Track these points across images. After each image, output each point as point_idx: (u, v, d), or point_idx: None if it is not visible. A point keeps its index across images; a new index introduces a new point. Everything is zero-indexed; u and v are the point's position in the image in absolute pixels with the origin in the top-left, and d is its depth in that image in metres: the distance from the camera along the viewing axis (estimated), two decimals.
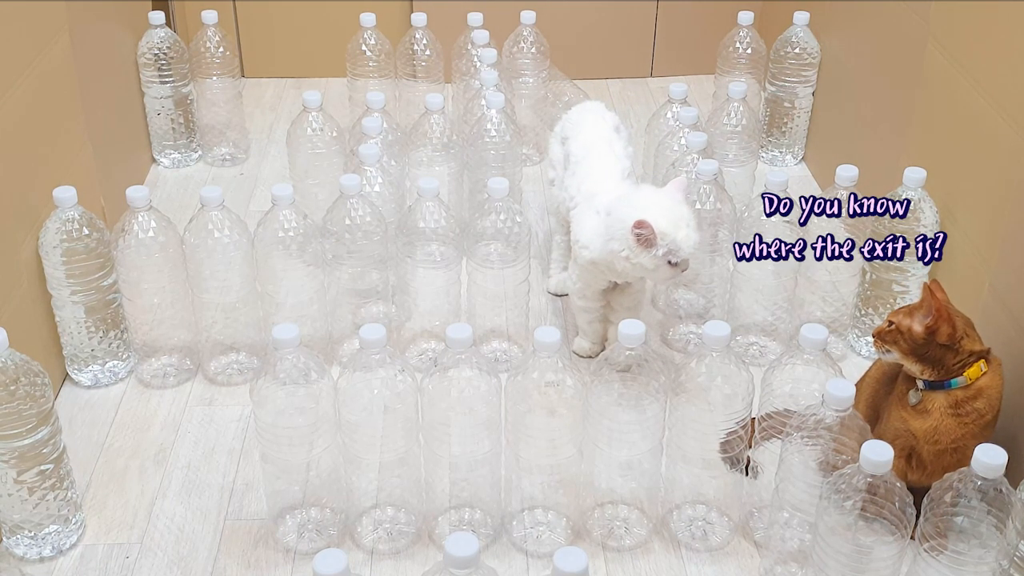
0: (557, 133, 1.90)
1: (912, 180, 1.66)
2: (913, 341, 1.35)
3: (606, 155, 1.75)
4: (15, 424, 1.31)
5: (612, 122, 1.83)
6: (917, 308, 1.36)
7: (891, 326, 1.37)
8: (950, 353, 1.34)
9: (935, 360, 1.35)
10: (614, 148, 1.78)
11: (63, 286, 1.63)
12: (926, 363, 1.36)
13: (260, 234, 1.65)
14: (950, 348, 1.34)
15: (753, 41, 2.32)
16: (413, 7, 2.55)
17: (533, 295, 1.85)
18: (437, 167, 1.95)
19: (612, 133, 1.80)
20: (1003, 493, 1.17)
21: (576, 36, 2.69)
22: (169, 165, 2.35)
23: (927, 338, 1.34)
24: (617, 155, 1.76)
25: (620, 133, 1.82)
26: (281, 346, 1.33)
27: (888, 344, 1.37)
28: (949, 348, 1.34)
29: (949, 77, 1.70)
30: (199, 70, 2.29)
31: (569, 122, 1.86)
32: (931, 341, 1.34)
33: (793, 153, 2.38)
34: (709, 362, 1.35)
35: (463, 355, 1.33)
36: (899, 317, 1.36)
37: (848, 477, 1.20)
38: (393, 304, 1.78)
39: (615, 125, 1.83)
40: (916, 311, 1.36)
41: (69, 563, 1.41)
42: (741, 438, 1.39)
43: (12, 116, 1.59)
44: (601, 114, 1.85)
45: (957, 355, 1.34)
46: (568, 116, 1.88)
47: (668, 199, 1.55)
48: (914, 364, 1.36)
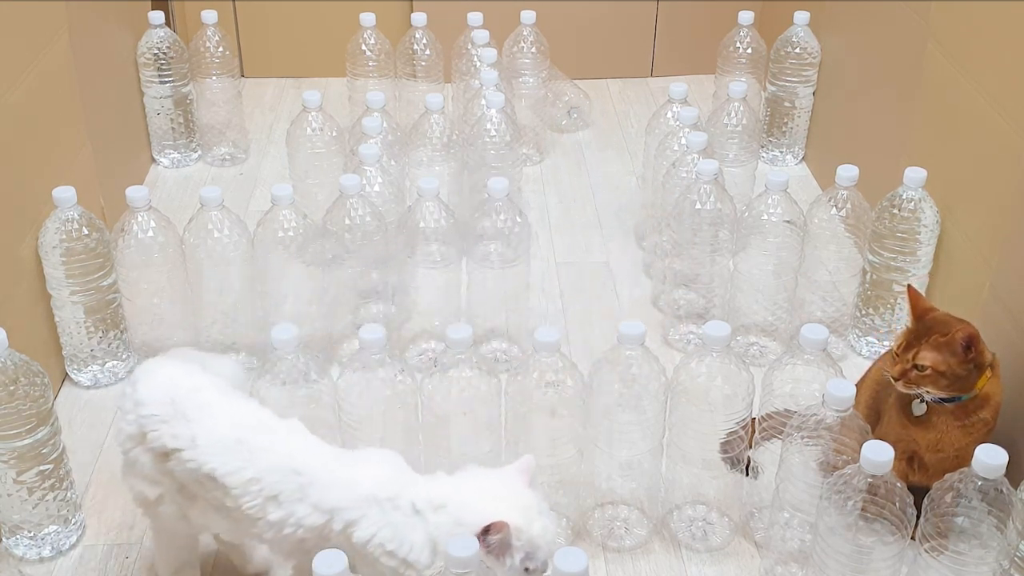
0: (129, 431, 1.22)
1: (912, 180, 1.66)
2: (954, 376, 1.30)
3: (302, 437, 1.21)
4: (15, 424, 1.31)
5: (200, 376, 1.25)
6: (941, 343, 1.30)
7: (925, 370, 1.30)
8: (975, 371, 1.32)
9: (964, 382, 1.31)
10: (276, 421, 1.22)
11: (63, 286, 1.63)
12: (955, 387, 1.31)
13: (260, 234, 1.65)
14: (976, 366, 1.31)
15: (753, 41, 2.31)
16: (413, 7, 2.55)
17: (533, 295, 1.85)
18: (437, 167, 1.95)
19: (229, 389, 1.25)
20: (1003, 493, 1.17)
21: (576, 36, 2.68)
22: (169, 165, 2.35)
23: (967, 367, 1.30)
24: (298, 428, 1.22)
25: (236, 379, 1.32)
26: (281, 346, 1.33)
27: (926, 386, 1.31)
28: (976, 366, 1.31)
29: (949, 77, 1.70)
30: (199, 70, 2.29)
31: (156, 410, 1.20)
32: (969, 370, 1.30)
33: (793, 153, 2.37)
34: (709, 362, 1.35)
35: (463, 355, 1.33)
36: (931, 357, 1.29)
37: (848, 477, 1.20)
38: (393, 304, 1.78)
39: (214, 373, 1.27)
40: (942, 346, 1.29)
41: (69, 563, 1.41)
42: (741, 438, 1.39)
43: (12, 116, 1.59)
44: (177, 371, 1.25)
45: (979, 370, 1.32)
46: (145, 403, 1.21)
47: (508, 485, 1.17)
48: (944, 392, 1.31)
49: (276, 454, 1.17)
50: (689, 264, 1.78)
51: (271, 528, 1.15)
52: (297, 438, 1.20)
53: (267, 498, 1.14)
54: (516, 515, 1.11)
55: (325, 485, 1.14)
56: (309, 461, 1.17)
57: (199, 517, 1.21)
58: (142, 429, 1.20)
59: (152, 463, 1.20)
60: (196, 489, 1.19)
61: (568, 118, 2.54)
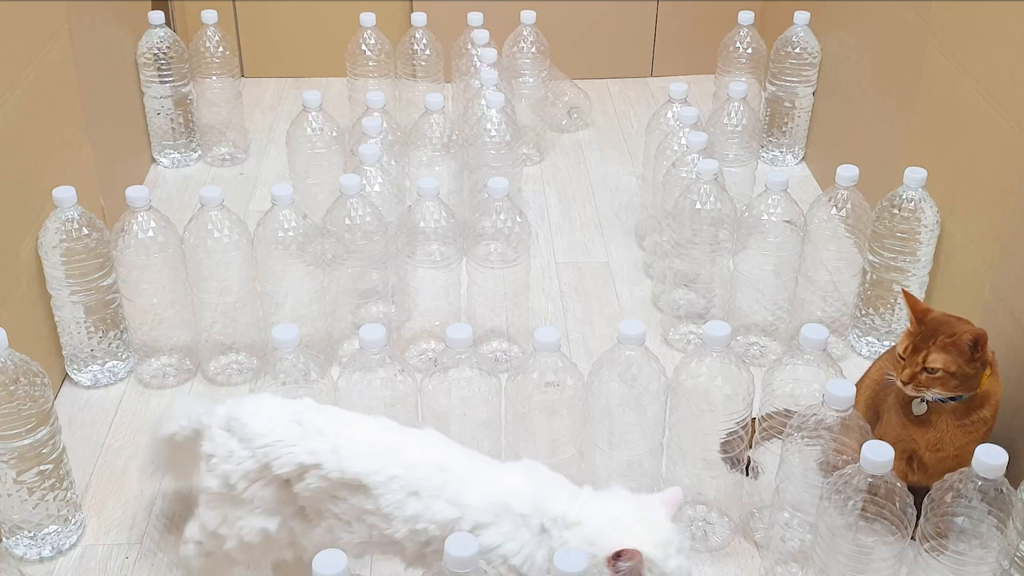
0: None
1: (912, 180, 1.66)
2: (964, 376, 1.30)
3: (443, 438, 1.23)
4: (15, 424, 1.31)
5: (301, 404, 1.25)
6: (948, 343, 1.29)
7: (935, 372, 1.29)
8: (982, 370, 1.31)
9: (971, 381, 1.31)
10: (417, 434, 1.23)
11: (63, 286, 1.63)
12: (962, 387, 1.31)
13: (260, 234, 1.65)
14: (982, 365, 1.31)
15: (753, 41, 2.31)
16: (413, 7, 2.55)
17: (533, 295, 1.85)
18: (437, 167, 1.95)
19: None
20: (1003, 493, 1.17)
21: (576, 36, 2.68)
22: (169, 165, 2.35)
23: (975, 366, 1.30)
24: (437, 439, 1.22)
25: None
26: (281, 346, 1.33)
27: (935, 388, 1.30)
28: (982, 365, 1.31)
29: (949, 77, 1.70)
30: (199, 70, 2.29)
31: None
32: (976, 368, 1.30)
33: (793, 153, 2.37)
34: (709, 362, 1.35)
35: (463, 355, 1.33)
36: (941, 359, 1.29)
37: (849, 477, 1.20)
38: (393, 304, 1.78)
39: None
40: (949, 347, 1.29)
41: (69, 563, 1.41)
42: (741, 438, 1.39)
43: (12, 116, 1.59)
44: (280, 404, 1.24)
45: (983, 368, 1.32)
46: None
47: (650, 514, 1.13)
48: (951, 392, 1.31)
49: (419, 451, 1.17)
50: (689, 264, 1.78)
51: (405, 524, 1.13)
52: (440, 438, 1.21)
53: (408, 493, 1.13)
54: (653, 547, 1.08)
55: (464, 482, 1.14)
56: (453, 458, 1.17)
57: (321, 536, 1.18)
58: (263, 461, 1.17)
59: (274, 493, 1.18)
60: (326, 505, 1.16)
61: (568, 118, 2.54)
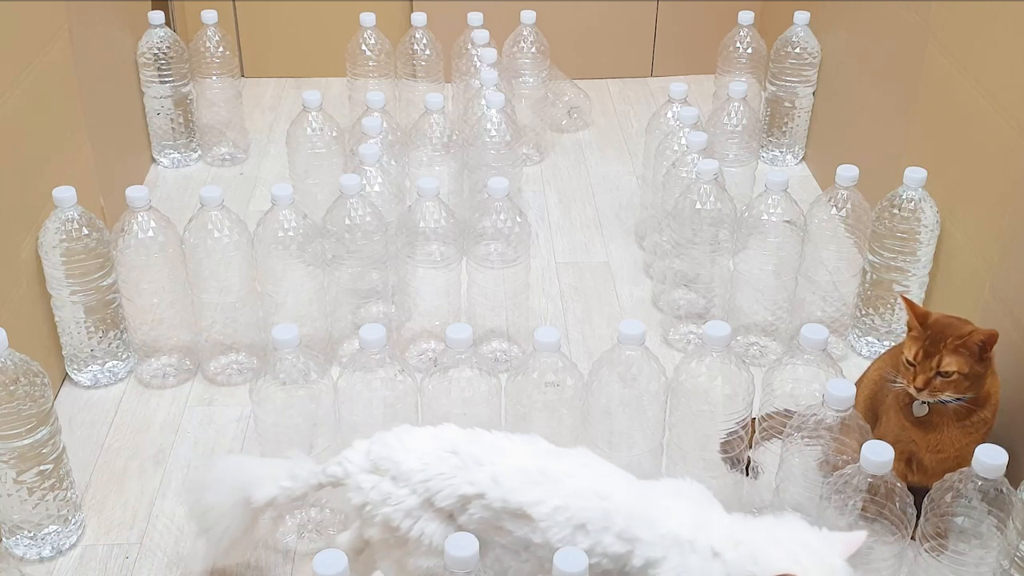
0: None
1: (912, 180, 1.66)
2: (975, 376, 1.29)
3: (598, 461, 1.20)
4: (15, 424, 1.30)
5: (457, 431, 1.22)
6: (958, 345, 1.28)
7: (951, 375, 1.28)
8: (988, 369, 1.31)
9: (980, 381, 1.31)
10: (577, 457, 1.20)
11: (63, 286, 1.63)
12: (972, 388, 1.30)
13: (260, 234, 1.65)
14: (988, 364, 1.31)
15: (753, 41, 2.31)
16: (413, 7, 2.55)
17: (533, 295, 1.85)
18: (437, 167, 1.95)
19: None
20: (1003, 493, 1.17)
21: (576, 36, 2.68)
22: (169, 165, 2.35)
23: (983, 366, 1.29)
24: (603, 465, 1.19)
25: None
26: (281, 346, 1.33)
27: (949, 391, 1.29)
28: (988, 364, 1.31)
29: (949, 77, 1.70)
30: (199, 70, 2.29)
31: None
32: (984, 368, 1.30)
33: (793, 153, 2.37)
34: (709, 362, 1.35)
35: (463, 355, 1.33)
36: (956, 362, 1.28)
37: (848, 477, 1.20)
38: (393, 304, 1.78)
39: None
40: (960, 348, 1.28)
41: (69, 563, 1.41)
42: (741, 438, 1.39)
43: (12, 116, 1.59)
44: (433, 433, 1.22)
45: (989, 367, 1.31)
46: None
47: (823, 546, 1.08)
48: (963, 393, 1.30)
49: (578, 479, 1.13)
50: (689, 264, 1.78)
51: None
52: (594, 461, 1.17)
53: (575, 527, 1.10)
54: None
55: (629, 514, 1.10)
56: (612, 486, 1.13)
57: (491, 566, 1.15)
58: (424, 496, 1.14)
59: (441, 525, 1.15)
60: (491, 535, 1.13)
61: (568, 118, 2.54)
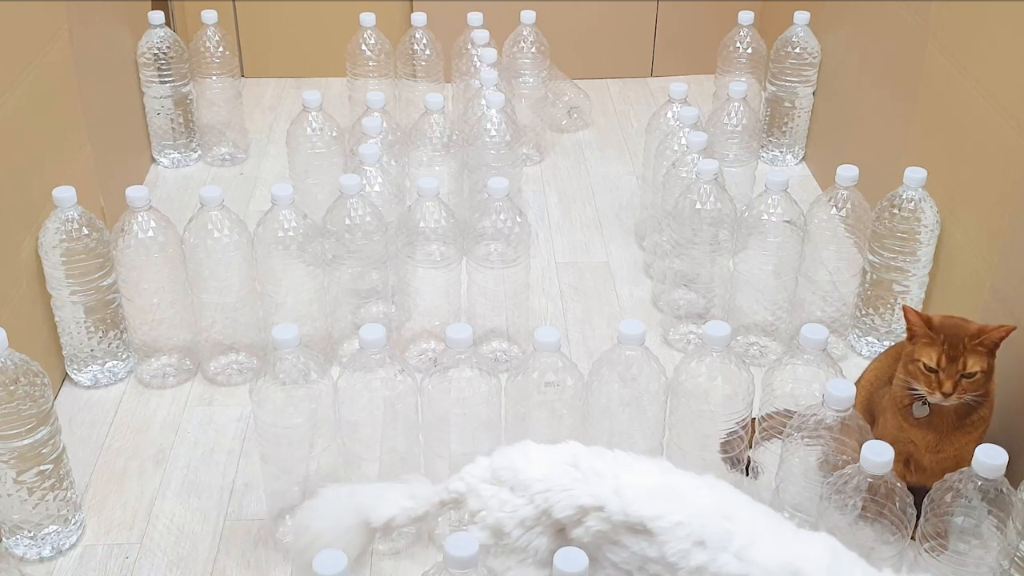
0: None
1: (912, 180, 1.66)
2: (989, 373, 1.30)
3: (727, 485, 1.18)
4: (15, 424, 1.31)
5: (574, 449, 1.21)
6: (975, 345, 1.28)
7: (974, 376, 1.28)
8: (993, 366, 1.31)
9: (991, 377, 1.31)
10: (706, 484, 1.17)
11: (63, 286, 1.63)
12: (985, 385, 1.30)
13: (260, 234, 1.65)
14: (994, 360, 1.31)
15: (753, 41, 2.31)
16: (413, 7, 2.55)
17: (533, 295, 1.85)
18: (437, 167, 1.95)
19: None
20: (1003, 493, 1.17)
21: (576, 36, 2.68)
22: (169, 165, 2.35)
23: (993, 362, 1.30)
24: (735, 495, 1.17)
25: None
26: (281, 346, 1.33)
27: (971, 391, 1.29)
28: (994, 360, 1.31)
29: (949, 77, 1.70)
30: (199, 70, 2.29)
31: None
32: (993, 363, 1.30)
33: (793, 153, 2.37)
34: (709, 362, 1.35)
35: (463, 355, 1.33)
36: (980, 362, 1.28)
37: (848, 477, 1.20)
38: (393, 304, 1.78)
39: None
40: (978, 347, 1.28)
41: (69, 563, 1.41)
42: (741, 438, 1.39)
43: (12, 116, 1.59)
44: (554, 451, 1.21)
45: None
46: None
47: None
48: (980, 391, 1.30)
49: (704, 497, 1.13)
50: (689, 264, 1.78)
51: (690, 575, 1.09)
52: (723, 485, 1.16)
53: (695, 542, 1.09)
54: None
55: (752, 536, 1.09)
56: (739, 508, 1.13)
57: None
58: (542, 507, 1.14)
59: (551, 540, 1.15)
60: (604, 552, 1.13)
61: (568, 118, 2.54)
